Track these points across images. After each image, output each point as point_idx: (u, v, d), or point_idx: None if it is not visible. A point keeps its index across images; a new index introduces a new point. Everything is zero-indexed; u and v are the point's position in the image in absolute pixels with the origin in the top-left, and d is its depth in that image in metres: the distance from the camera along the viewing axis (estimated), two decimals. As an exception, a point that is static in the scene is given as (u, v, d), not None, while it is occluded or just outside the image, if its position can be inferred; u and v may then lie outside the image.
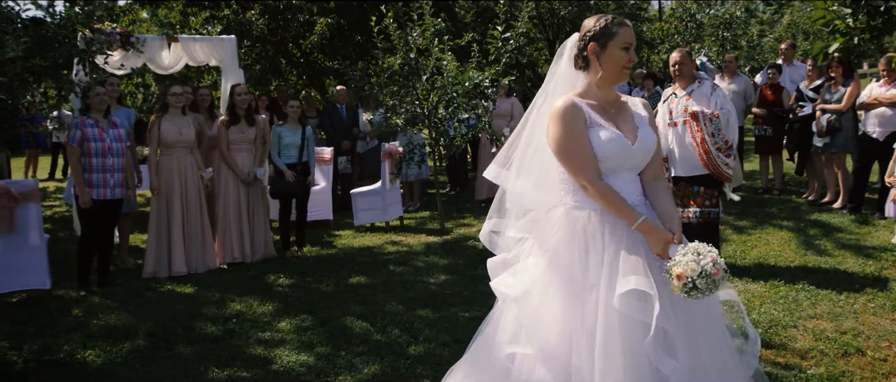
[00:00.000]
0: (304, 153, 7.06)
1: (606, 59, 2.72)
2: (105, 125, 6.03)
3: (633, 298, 2.45)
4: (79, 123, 5.89)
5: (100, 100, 5.99)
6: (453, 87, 7.21)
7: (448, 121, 7.44)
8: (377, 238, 8.03)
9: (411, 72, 7.25)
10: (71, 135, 5.85)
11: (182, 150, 6.58)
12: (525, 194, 2.89)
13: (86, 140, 5.88)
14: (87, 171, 5.92)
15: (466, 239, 7.70)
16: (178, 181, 6.55)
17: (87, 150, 5.90)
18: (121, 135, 6.15)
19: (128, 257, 7.28)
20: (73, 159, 5.91)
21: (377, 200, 8.40)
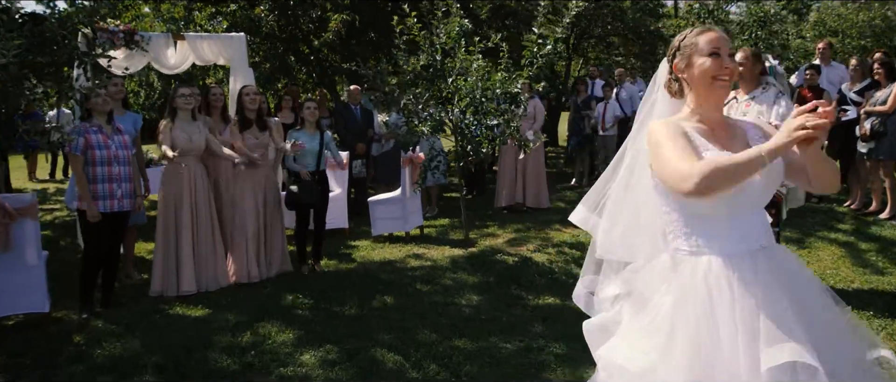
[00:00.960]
0: (321, 160, 6.56)
1: (693, 73, 2.28)
2: (109, 131, 5.55)
3: (786, 371, 1.95)
4: (81, 130, 5.40)
5: (102, 105, 5.50)
6: (483, 91, 6.71)
7: (476, 127, 6.93)
8: (397, 250, 7.55)
9: (436, 75, 6.74)
10: (73, 144, 5.35)
11: (192, 158, 6.08)
12: (622, 242, 2.40)
13: (89, 148, 5.39)
14: (91, 182, 5.44)
15: (494, 252, 7.21)
16: (188, 191, 6.04)
17: (92, 159, 5.41)
18: (126, 141, 5.67)
19: (133, 270, 6.80)
20: (77, 169, 5.42)
21: (397, 209, 7.92)
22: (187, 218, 6.04)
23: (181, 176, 6.02)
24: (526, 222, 8.74)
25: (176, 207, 6.02)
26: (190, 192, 6.04)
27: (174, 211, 6.02)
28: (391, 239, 8.04)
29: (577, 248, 7.27)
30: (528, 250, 7.27)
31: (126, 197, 5.63)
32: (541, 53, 6.81)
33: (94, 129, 5.44)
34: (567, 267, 6.56)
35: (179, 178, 6.02)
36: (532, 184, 9.55)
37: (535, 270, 6.51)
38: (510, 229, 8.37)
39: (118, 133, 5.62)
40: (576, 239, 7.61)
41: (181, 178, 6.02)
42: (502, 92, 6.71)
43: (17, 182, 14.88)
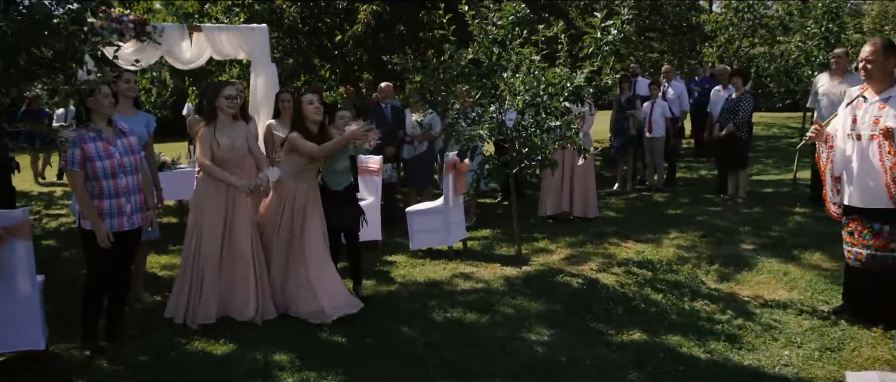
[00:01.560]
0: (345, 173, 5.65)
1: None
2: (110, 135, 4.69)
3: None
4: (76, 139, 4.53)
5: (107, 106, 4.64)
6: (545, 88, 5.83)
7: (533, 129, 6.05)
8: (441, 267, 6.68)
9: (491, 69, 5.87)
10: (69, 158, 4.50)
11: (228, 170, 5.19)
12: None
13: (89, 160, 4.54)
14: (95, 198, 4.59)
15: (553, 272, 6.33)
16: (225, 206, 5.18)
17: (93, 172, 4.55)
18: (132, 144, 4.81)
19: (143, 292, 5.96)
20: (77, 188, 4.56)
21: (438, 220, 7.05)
22: (219, 237, 5.16)
23: (217, 187, 5.14)
24: (577, 234, 7.86)
25: (210, 224, 5.14)
26: (227, 207, 5.19)
27: (207, 227, 5.13)
28: (431, 253, 7.18)
29: (646, 268, 6.38)
30: (592, 270, 6.39)
31: (136, 211, 4.79)
32: (605, 41, 5.92)
33: (92, 136, 4.57)
34: (643, 293, 5.68)
35: (218, 190, 5.14)
36: (580, 192, 8.65)
37: (607, 295, 5.63)
38: (563, 243, 7.49)
39: (121, 135, 4.77)
40: (642, 257, 6.72)
41: (219, 191, 5.15)
42: (566, 89, 5.82)
43: (23, 184, 14.11)
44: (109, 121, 4.73)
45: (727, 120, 9.28)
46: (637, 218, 8.64)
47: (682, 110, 11.57)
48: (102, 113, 4.65)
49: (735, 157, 9.33)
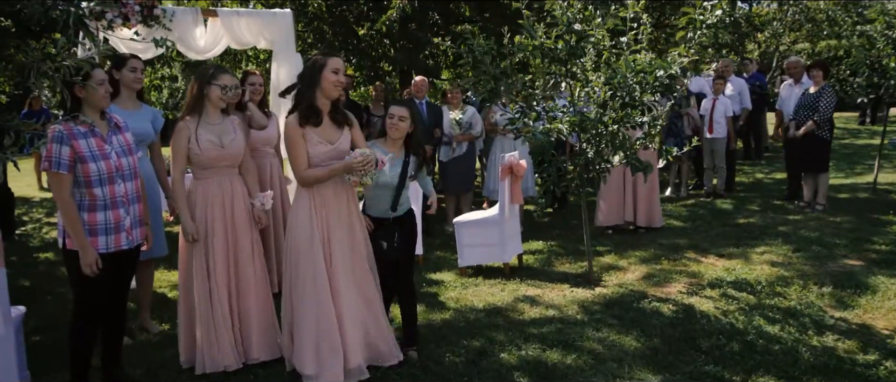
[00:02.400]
0: (402, 198, 4.26)
1: None
2: (104, 130, 3.72)
3: None
4: (63, 134, 3.55)
5: (101, 93, 3.66)
6: (635, 78, 4.82)
7: (617, 126, 5.04)
8: (499, 288, 5.68)
9: (572, 53, 4.86)
10: (53, 157, 3.53)
11: (226, 170, 4.22)
12: None
13: (80, 161, 3.58)
14: (86, 210, 3.63)
15: (635, 296, 5.33)
16: (222, 219, 4.16)
17: (85, 177, 3.59)
18: (129, 142, 3.84)
19: (149, 320, 5.01)
20: (62, 197, 3.59)
21: (492, 233, 6.05)
22: (222, 260, 4.15)
23: (211, 197, 4.14)
24: (647, 247, 6.84)
25: (205, 245, 4.12)
26: (225, 221, 4.16)
27: (203, 250, 4.13)
28: (481, 270, 6.18)
29: (745, 290, 5.36)
30: (680, 293, 5.37)
31: (136, 225, 3.83)
32: (707, 22, 4.92)
33: (83, 132, 3.61)
34: (754, 323, 4.66)
35: (208, 201, 4.14)
36: (644, 198, 7.61)
37: (712, 327, 4.61)
38: (633, 258, 6.47)
39: (117, 131, 3.80)
40: (735, 276, 5.70)
41: (211, 201, 4.14)
42: (658, 79, 4.81)
43: (27, 189, 13.23)
44: (102, 114, 3.77)
45: (805, 117, 8.24)
46: (708, 228, 7.61)
47: (743, 108, 10.51)
48: (95, 104, 3.69)
49: (814, 159, 8.28)
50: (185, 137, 4.03)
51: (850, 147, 14.68)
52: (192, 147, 4.03)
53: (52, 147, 3.52)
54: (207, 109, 4.13)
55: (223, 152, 4.11)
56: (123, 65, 4.61)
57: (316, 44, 9.48)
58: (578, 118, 4.79)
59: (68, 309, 5.30)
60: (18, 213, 10.25)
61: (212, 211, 4.09)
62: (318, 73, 3.82)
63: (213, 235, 4.09)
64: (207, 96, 4.10)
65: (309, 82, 3.85)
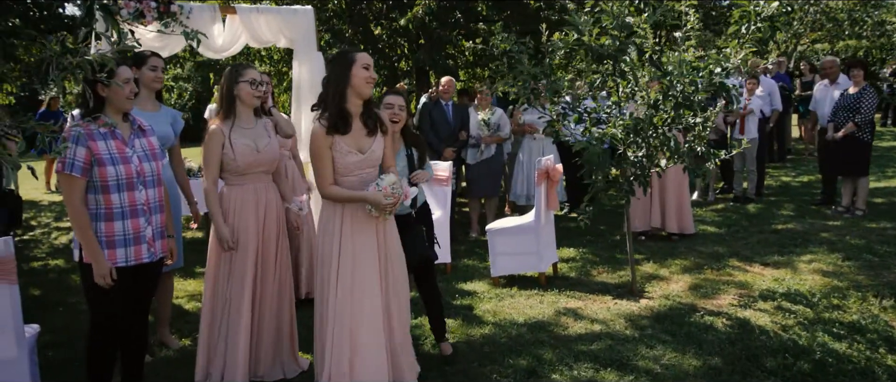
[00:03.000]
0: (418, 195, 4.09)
1: None
2: (126, 133, 3.42)
3: None
4: (80, 134, 3.25)
5: (125, 93, 3.36)
6: (691, 75, 4.49)
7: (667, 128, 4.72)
8: (536, 300, 5.36)
9: (620, 50, 4.53)
10: (67, 158, 3.23)
11: (260, 177, 3.94)
12: None
13: (97, 163, 3.27)
14: (102, 220, 3.32)
15: (684, 309, 5.01)
16: (255, 228, 3.88)
17: (101, 182, 3.29)
18: (154, 147, 3.54)
19: (169, 335, 4.70)
20: (74, 201, 3.27)
21: (527, 241, 5.73)
22: (250, 270, 3.86)
23: (245, 205, 3.86)
24: (686, 255, 6.52)
25: (235, 255, 3.83)
26: (257, 230, 3.87)
27: (231, 260, 3.84)
28: (515, 279, 5.86)
29: (800, 302, 5.04)
30: (732, 306, 5.05)
31: (158, 237, 3.52)
32: (764, 15, 4.60)
33: (103, 133, 3.31)
34: (818, 340, 4.33)
35: (243, 209, 3.85)
36: (674, 204, 7.24)
37: (774, 344, 4.29)
38: (675, 267, 6.15)
39: (140, 134, 3.50)
40: (788, 288, 5.37)
41: (245, 209, 3.85)
42: (715, 76, 4.48)
43: (34, 192, 12.95)
44: (126, 116, 3.46)
45: (845, 119, 7.91)
46: (746, 235, 7.28)
47: (773, 109, 10.17)
48: (119, 105, 3.38)
49: (854, 162, 7.95)
50: (219, 143, 3.75)
51: (876, 149, 14.30)
52: (227, 153, 3.75)
53: (69, 149, 3.23)
54: (240, 112, 3.84)
55: (259, 157, 3.83)
56: (143, 63, 4.31)
57: (335, 43, 9.17)
58: (633, 121, 4.45)
59: (83, 322, 5.02)
60: (26, 217, 9.97)
61: (245, 219, 3.82)
62: (347, 70, 3.42)
63: (246, 244, 3.82)
64: (238, 96, 3.81)
65: (338, 81, 3.44)
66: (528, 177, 7.96)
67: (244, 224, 3.82)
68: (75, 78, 2.74)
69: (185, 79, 11.41)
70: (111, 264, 3.30)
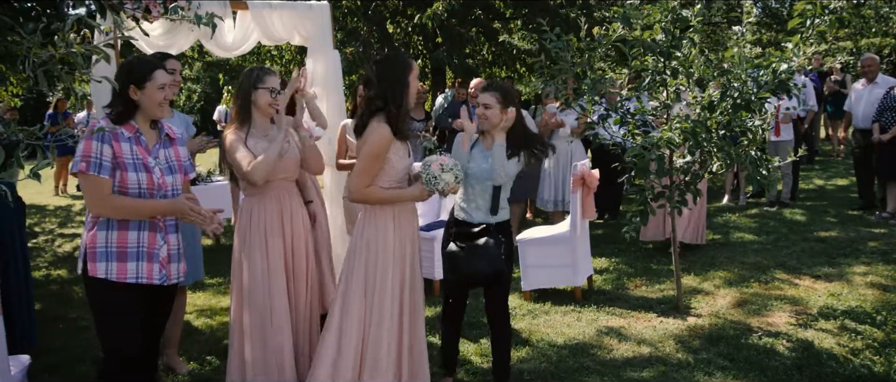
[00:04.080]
0: (499, 201, 3.58)
1: None
2: (150, 141, 3.02)
3: None
4: (104, 132, 2.86)
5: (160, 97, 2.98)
6: (748, 73, 4.07)
7: (725, 130, 4.30)
8: (574, 317, 4.95)
9: (672, 45, 4.11)
10: (91, 157, 2.83)
11: (283, 184, 3.58)
12: None
13: (119, 167, 2.89)
14: (115, 228, 2.91)
15: (736, 329, 4.59)
16: (282, 236, 3.53)
17: (120, 188, 2.90)
18: (180, 158, 3.15)
19: (177, 358, 4.30)
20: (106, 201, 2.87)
21: (563, 252, 5.31)
22: (281, 281, 3.50)
23: (269, 214, 3.50)
24: (728, 267, 6.08)
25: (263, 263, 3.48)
26: (284, 240, 3.53)
27: (260, 269, 3.47)
28: (547, 293, 5.44)
29: (865, 321, 4.60)
30: (790, 325, 4.62)
31: (174, 260, 3.10)
32: (829, 7, 4.18)
33: (128, 136, 2.93)
34: (893, 363, 3.90)
35: (267, 219, 3.49)
36: (695, 213, 6.55)
37: (845, 371, 3.86)
38: (718, 280, 5.72)
39: (168, 143, 3.11)
40: (847, 305, 4.93)
41: (272, 216, 3.50)
42: (778, 74, 4.06)
43: (40, 197, 12.62)
44: (154, 123, 3.07)
45: (891, 120, 7.46)
46: (788, 243, 6.83)
47: (808, 109, 9.71)
48: (151, 111, 3.00)
49: (902, 165, 7.51)
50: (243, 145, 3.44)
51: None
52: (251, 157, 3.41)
53: (91, 144, 2.82)
54: (256, 120, 3.49)
55: (281, 164, 3.45)
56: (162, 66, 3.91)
57: (349, 41, 8.77)
58: (692, 125, 4.02)
59: (83, 342, 4.64)
60: (30, 223, 9.61)
61: (270, 230, 3.48)
62: (407, 76, 3.22)
63: (275, 256, 3.47)
64: (255, 103, 3.47)
65: (399, 85, 3.19)
66: (556, 181, 7.54)
67: (271, 232, 3.47)
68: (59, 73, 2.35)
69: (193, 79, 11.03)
70: (120, 279, 2.89)
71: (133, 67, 2.95)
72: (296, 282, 3.57)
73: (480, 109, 3.57)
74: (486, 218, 3.57)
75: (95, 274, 2.89)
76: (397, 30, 9.66)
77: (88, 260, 2.90)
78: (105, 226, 2.90)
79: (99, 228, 2.90)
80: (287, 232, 3.54)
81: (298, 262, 3.59)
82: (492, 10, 9.42)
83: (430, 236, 5.60)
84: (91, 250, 2.89)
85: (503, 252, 3.53)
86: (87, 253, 2.91)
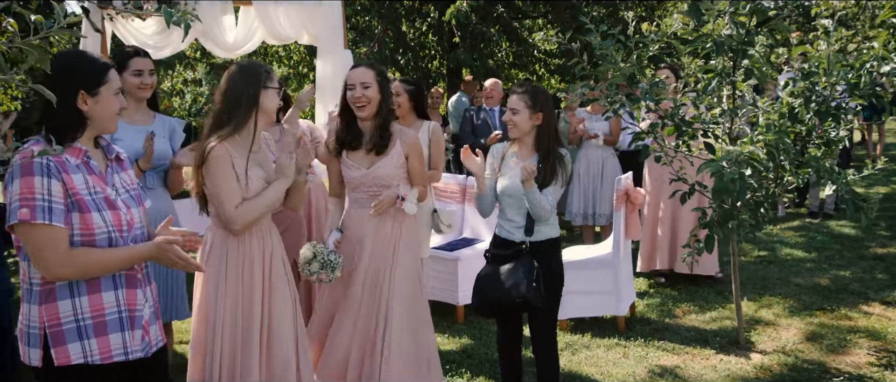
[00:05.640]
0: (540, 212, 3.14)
1: None
2: (102, 165, 2.28)
3: None
4: (50, 163, 2.09)
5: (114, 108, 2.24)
6: (838, 75, 3.47)
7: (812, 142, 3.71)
8: (619, 352, 4.34)
9: (741, 47, 3.51)
10: (36, 201, 2.05)
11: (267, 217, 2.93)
12: None
13: (76, 208, 2.13)
14: (84, 293, 2.16)
15: (813, 371, 3.98)
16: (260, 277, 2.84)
17: (83, 236, 2.13)
18: (134, 184, 2.39)
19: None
20: (61, 258, 2.08)
21: (605, 277, 4.71)
22: (256, 330, 2.82)
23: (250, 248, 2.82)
24: (784, 292, 5.47)
25: (236, 311, 2.79)
26: (263, 278, 2.85)
27: (230, 318, 2.79)
28: (586, 323, 4.84)
29: (959, 361, 3.99)
30: (874, 366, 4.01)
31: (155, 320, 2.39)
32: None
33: (75, 163, 2.17)
34: None
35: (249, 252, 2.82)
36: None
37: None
38: (778, 308, 5.10)
39: (118, 166, 2.35)
40: (932, 338, 4.32)
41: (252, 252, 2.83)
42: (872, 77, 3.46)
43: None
44: (97, 141, 2.33)
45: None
46: (845, 262, 6.20)
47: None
48: (105, 125, 2.25)
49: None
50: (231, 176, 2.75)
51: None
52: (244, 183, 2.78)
53: (33, 181, 2.04)
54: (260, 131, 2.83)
55: None
56: (124, 67, 3.30)
57: (362, 41, 8.21)
58: (777, 136, 3.40)
59: None
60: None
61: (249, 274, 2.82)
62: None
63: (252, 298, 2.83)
64: (262, 109, 2.79)
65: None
66: (586, 191, 6.91)
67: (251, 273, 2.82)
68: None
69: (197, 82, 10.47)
70: (104, 361, 2.17)
71: (81, 67, 2.18)
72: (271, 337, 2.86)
73: (508, 114, 3.23)
74: (523, 237, 3.20)
75: (68, 362, 2.11)
76: (412, 29, 9.08)
77: (52, 345, 2.11)
78: (68, 292, 2.13)
79: (60, 297, 2.12)
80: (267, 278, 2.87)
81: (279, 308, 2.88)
82: (514, 8, 8.84)
83: (452, 257, 5.03)
84: (54, 330, 2.11)
85: (536, 276, 3.09)
86: (49, 336, 2.11)
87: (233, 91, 2.76)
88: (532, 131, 3.21)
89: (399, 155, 3.25)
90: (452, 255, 5.02)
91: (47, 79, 1.96)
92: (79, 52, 2.31)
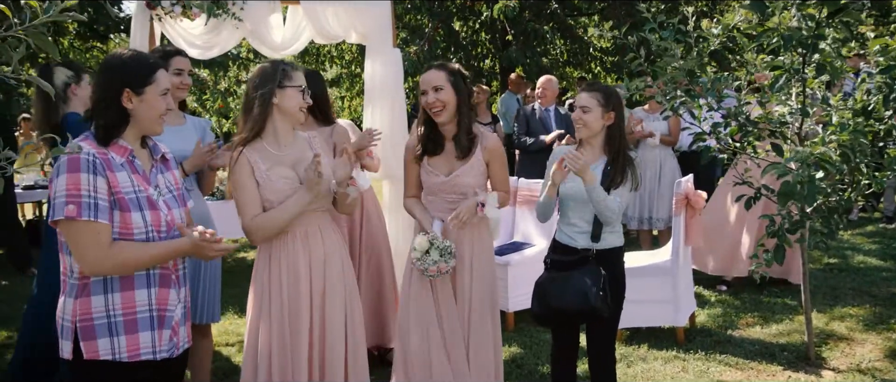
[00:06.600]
0: (604, 226, 2.98)
1: None
2: (147, 165, 2.26)
3: None
4: (96, 159, 2.09)
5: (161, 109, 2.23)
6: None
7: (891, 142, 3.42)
8: (678, 366, 4.10)
9: (818, 36, 3.24)
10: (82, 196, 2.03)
11: (311, 216, 2.77)
12: None
13: (117, 206, 2.11)
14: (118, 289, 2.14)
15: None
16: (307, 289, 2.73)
17: (122, 234, 2.12)
18: (179, 185, 2.38)
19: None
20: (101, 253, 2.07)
21: (663, 286, 4.47)
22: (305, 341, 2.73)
23: (295, 253, 2.73)
24: (858, 301, 5.12)
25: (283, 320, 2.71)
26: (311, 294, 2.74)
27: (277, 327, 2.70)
28: (642, 334, 4.60)
29: None
30: (963, 387, 3.68)
31: (184, 319, 2.35)
32: None
33: (121, 161, 2.16)
34: None
35: (293, 258, 2.72)
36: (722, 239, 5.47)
37: None
38: (852, 320, 4.77)
39: (163, 167, 2.33)
40: None
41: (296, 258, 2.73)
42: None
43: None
44: (144, 140, 2.30)
45: None
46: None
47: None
48: (149, 126, 2.23)
49: None
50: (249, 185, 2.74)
51: None
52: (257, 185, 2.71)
53: (80, 178, 2.04)
54: (278, 130, 2.75)
55: None
56: (166, 65, 3.22)
57: (412, 39, 8.09)
58: (852, 136, 3.12)
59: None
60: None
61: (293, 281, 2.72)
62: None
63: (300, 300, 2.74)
64: (279, 108, 2.70)
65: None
66: (642, 194, 6.64)
67: (296, 279, 2.72)
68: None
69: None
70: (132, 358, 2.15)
71: (129, 65, 2.17)
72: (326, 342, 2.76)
73: (577, 113, 3.05)
74: (588, 244, 3.02)
75: (96, 357, 2.11)
76: (464, 27, 8.93)
77: (81, 339, 2.10)
78: (101, 288, 2.13)
79: (93, 292, 2.12)
80: (316, 285, 2.75)
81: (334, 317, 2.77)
82: (569, 5, 8.60)
83: (502, 262, 4.84)
84: (85, 324, 2.10)
85: (603, 286, 2.93)
86: (80, 329, 2.10)
87: (249, 93, 2.74)
88: (602, 131, 3.03)
89: (480, 162, 3.11)
90: (502, 260, 4.84)
91: (97, 76, 2.10)
92: (132, 51, 2.27)
